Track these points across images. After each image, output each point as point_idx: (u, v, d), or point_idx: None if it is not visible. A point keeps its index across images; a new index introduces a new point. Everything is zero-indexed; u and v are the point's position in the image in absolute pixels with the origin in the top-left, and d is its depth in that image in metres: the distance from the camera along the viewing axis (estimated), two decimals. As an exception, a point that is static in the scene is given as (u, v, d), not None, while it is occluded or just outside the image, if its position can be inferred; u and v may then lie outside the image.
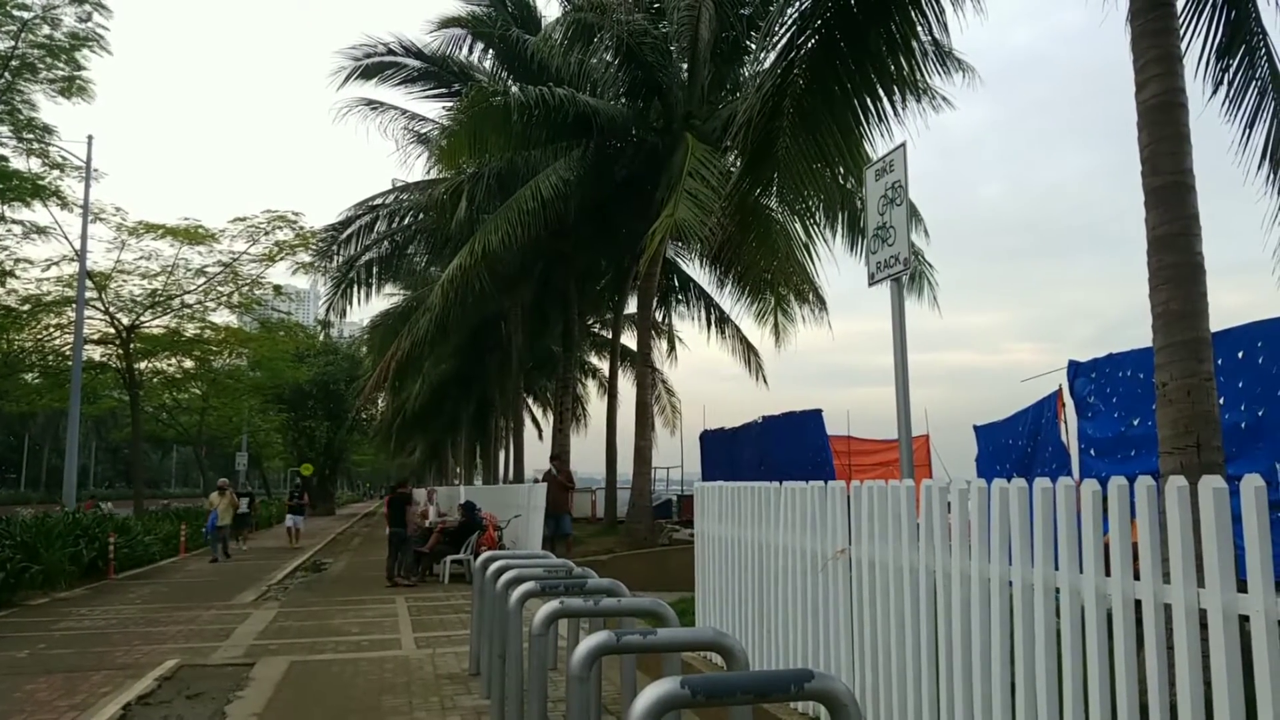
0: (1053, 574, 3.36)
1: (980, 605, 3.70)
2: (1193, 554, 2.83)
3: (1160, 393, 4.57)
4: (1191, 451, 4.32)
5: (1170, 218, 4.65)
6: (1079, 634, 3.22)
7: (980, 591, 3.70)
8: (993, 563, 3.64)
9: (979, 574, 3.72)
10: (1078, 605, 3.23)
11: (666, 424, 31.85)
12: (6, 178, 16.42)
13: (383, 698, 6.99)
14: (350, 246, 24.47)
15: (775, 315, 19.28)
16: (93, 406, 33.32)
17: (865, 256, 6.83)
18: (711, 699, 2.73)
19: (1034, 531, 3.45)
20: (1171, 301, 4.55)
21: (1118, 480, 3.10)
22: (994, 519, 3.65)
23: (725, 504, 6.63)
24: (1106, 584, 3.12)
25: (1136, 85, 4.88)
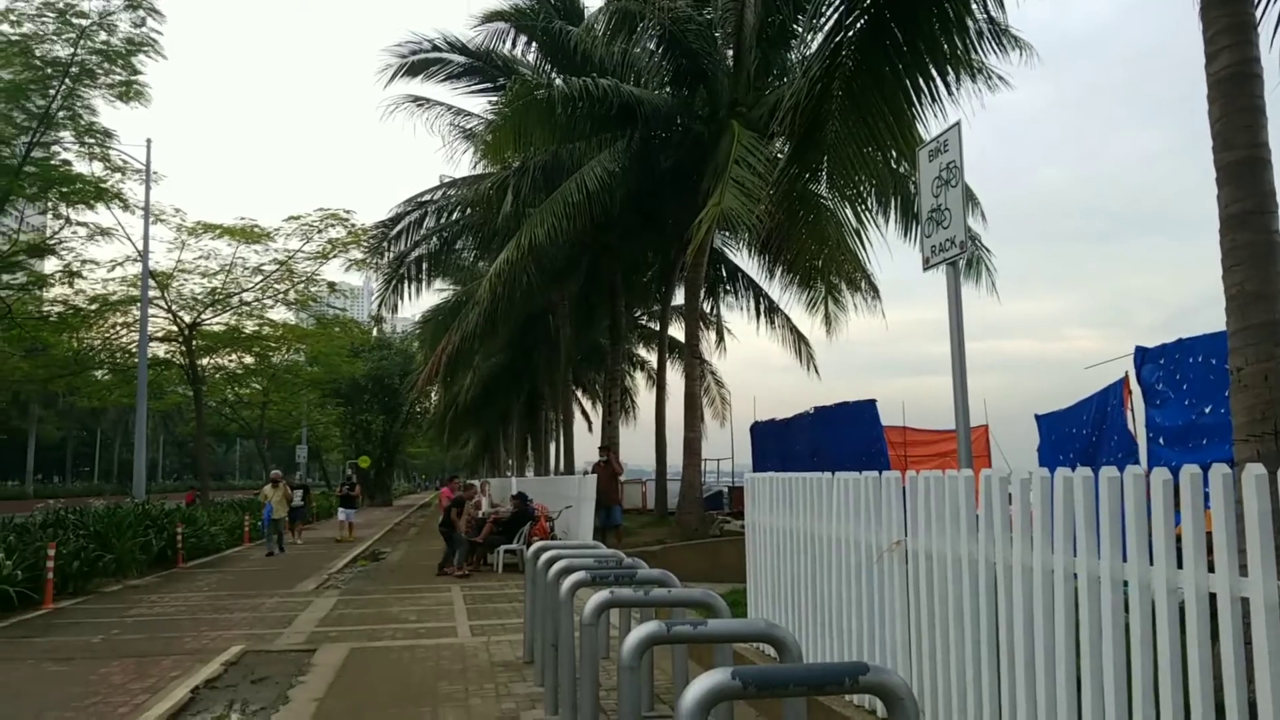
0: (1120, 566, 3.24)
1: (1043, 598, 3.59)
2: (1271, 545, 2.70)
3: (1235, 378, 4.39)
4: (1269, 439, 4.13)
5: (1244, 194, 4.46)
6: (1149, 628, 3.10)
7: (1044, 584, 3.60)
8: (1057, 554, 3.53)
9: (1042, 566, 3.61)
10: (1147, 599, 3.11)
11: (716, 416, 31.75)
12: (70, 181, 16.85)
13: (439, 684, 7.06)
14: (400, 243, 24.73)
15: (826, 304, 19.06)
16: (159, 402, 34.18)
17: (919, 241, 6.69)
18: (763, 690, 2.67)
19: (1100, 522, 3.33)
20: (1247, 282, 4.36)
21: (1190, 468, 2.98)
22: (1058, 509, 3.54)
23: (777, 495, 6.55)
24: (1178, 576, 3.00)
25: (1206, 57, 4.68)
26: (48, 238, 18.49)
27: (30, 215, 19.02)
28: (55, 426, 71.86)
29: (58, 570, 12.20)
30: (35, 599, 11.64)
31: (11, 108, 15.63)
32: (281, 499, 20.23)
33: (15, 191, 15.57)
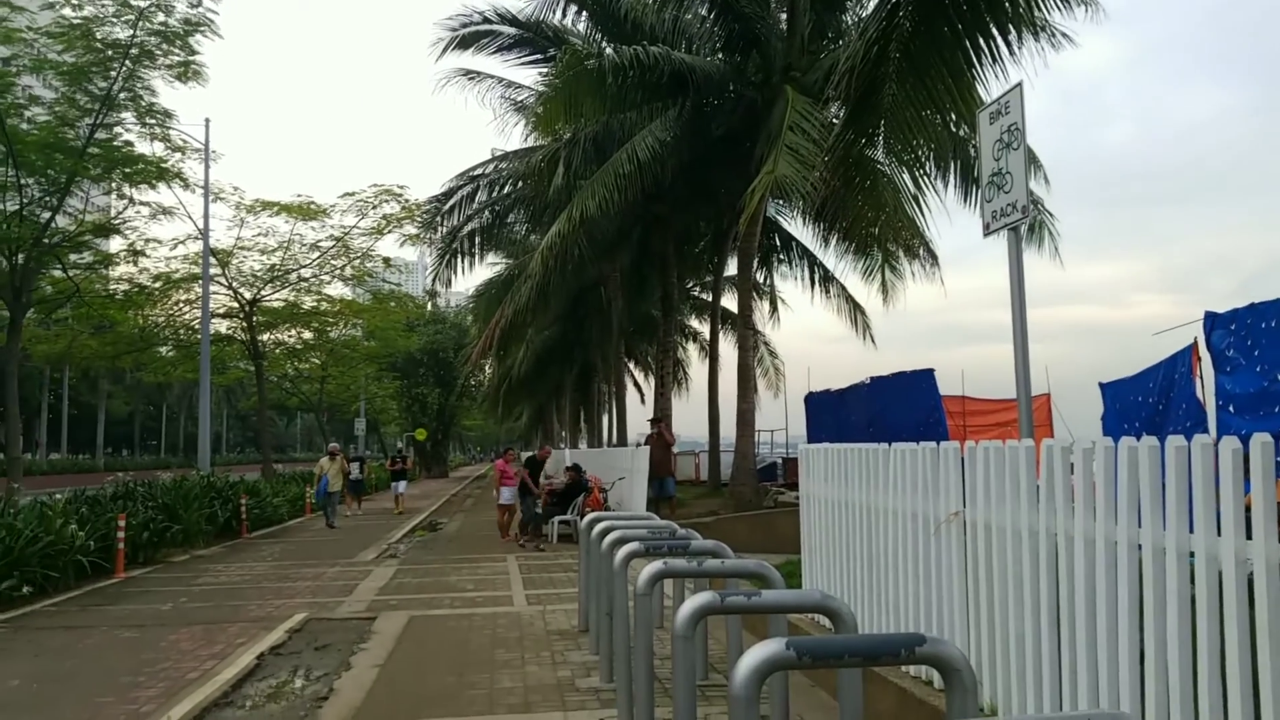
0: (1187, 537, 3.15)
1: (1106, 570, 3.51)
2: (1349, 515, 2.60)
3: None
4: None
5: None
6: (1215, 600, 3.02)
7: (1106, 556, 3.51)
8: (1121, 525, 3.45)
9: (1105, 537, 3.52)
10: (1214, 570, 3.02)
11: (770, 386, 31.57)
12: (133, 162, 17.20)
13: (496, 651, 7.17)
14: (453, 217, 24.88)
15: (883, 272, 18.79)
16: (222, 377, 35.03)
17: (980, 206, 6.53)
18: (818, 660, 2.66)
19: (1166, 492, 3.24)
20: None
21: (1261, 436, 2.87)
22: (1122, 479, 3.45)
23: (832, 466, 6.49)
24: (1247, 547, 2.90)
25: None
26: (112, 218, 18.93)
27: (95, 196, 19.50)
28: (123, 401, 74.09)
29: (128, 540, 12.61)
30: (107, 568, 12.05)
31: (75, 90, 15.98)
32: (338, 472, 20.21)
33: (80, 172, 15.96)
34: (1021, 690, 4.04)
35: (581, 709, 5.60)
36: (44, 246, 15.97)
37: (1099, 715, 1.86)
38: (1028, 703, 3.98)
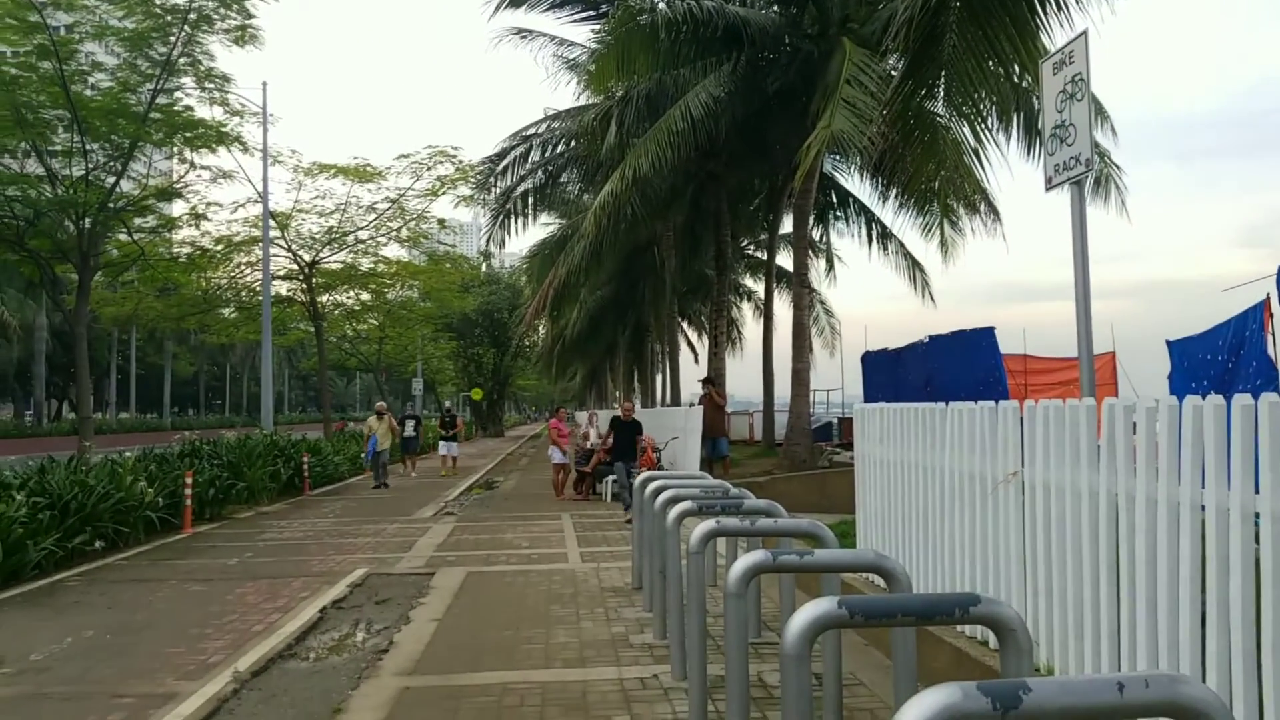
0: (1252, 498, 3.06)
1: (1168, 531, 3.43)
2: None
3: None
4: None
5: None
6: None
7: (1169, 516, 3.43)
8: (1184, 486, 3.36)
9: (1167, 498, 3.44)
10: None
11: (825, 346, 31.31)
12: (193, 126, 17.46)
13: (551, 607, 7.28)
14: (506, 178, 24.90)
15: (942, 228, 18.42)
16: (283, 338, 35.68)
17: (1042, 159, 6.34)
18: (870, 619, 2.64)
19: (1232, 452, 3.14)
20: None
21: (1337, 394, 2.76)
22: (1186, 439, 3.35)
23: (887, 425, 6.42)
24: (1320, 509, 2.81)
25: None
26: (174, 182, 19.30)
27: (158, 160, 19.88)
28: (188, 362, 76.03)
29: (195, 497, 13.01)
30: (175, 524, 12.45)
31: (136, 56, 16.23)
32: (386, 431, 19.59)
33: (143, 137, 16.25)
34: (1079, 651, 3.99)
35: (635, 664, 5.67)
36: (109, 211, 16.34)
37: (1156, 676, 1.82)
38: (1085, 664, 3.93)
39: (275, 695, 5.34)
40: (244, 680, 5.54)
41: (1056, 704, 1.79)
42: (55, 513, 9.81)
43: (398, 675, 5.63)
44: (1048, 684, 1.83)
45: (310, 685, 5.52)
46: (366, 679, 5.56)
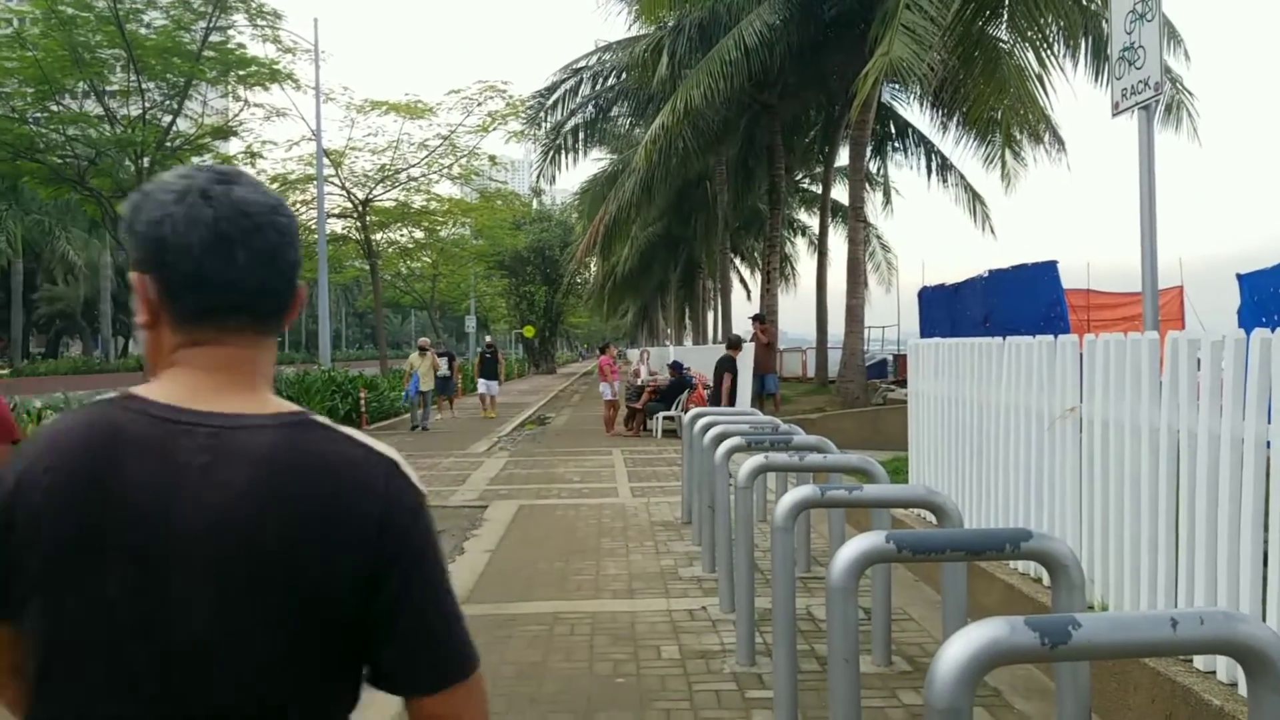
0: (1326, 434, 2.94)
1: (1231, 468, 3.32)
2: None
3: None
4: None
5: None
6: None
7: (1232, 453, 3.32)
8: (1249, 421, 3.24)
9: (1231, 434, 3.33)
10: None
11: (881, 281, 30.86)
12: (246, 64, 17.55)
13: (602, 540, 7.37)
14: (556, 112, 24.66)
15: (1004, 159, 17.87)
16: (339, 276, 36.16)
17: (1109, 84, 6.07)
18: (919, 554, 2.62)
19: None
20: None
21: None
22: (1252, 374, 3.23)
23: (942, 360, 6.31)
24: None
25: None
26: (229, 120, 19.49)
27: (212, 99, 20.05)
28: (250, 300, 77.58)
29: (258, 430, 13.31)
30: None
31: (188, -7, 16.31)
32: (429, 369, 18.01)
33: (197, 75, 16.39)
34: (1134, 590, 3.93)
35: (684, 596, 5.73)
36: (167, 150, 16.59)
37: (1212, 613, 1.77)
38: (1140, 603, 3.87)
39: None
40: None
41: (1107, 639, 1.75)
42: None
43: (451, 604, 5.76)
44: (1098, 619, 1.79)
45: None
46: (421, 607, 5.69)
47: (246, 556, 1.03)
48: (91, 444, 1.06)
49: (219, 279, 1.11)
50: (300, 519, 1.05)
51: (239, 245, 1.11)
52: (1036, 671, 4.25)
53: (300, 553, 1.05)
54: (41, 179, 16.60)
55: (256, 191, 1.15)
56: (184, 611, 1.03)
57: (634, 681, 4.30)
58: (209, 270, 1.10)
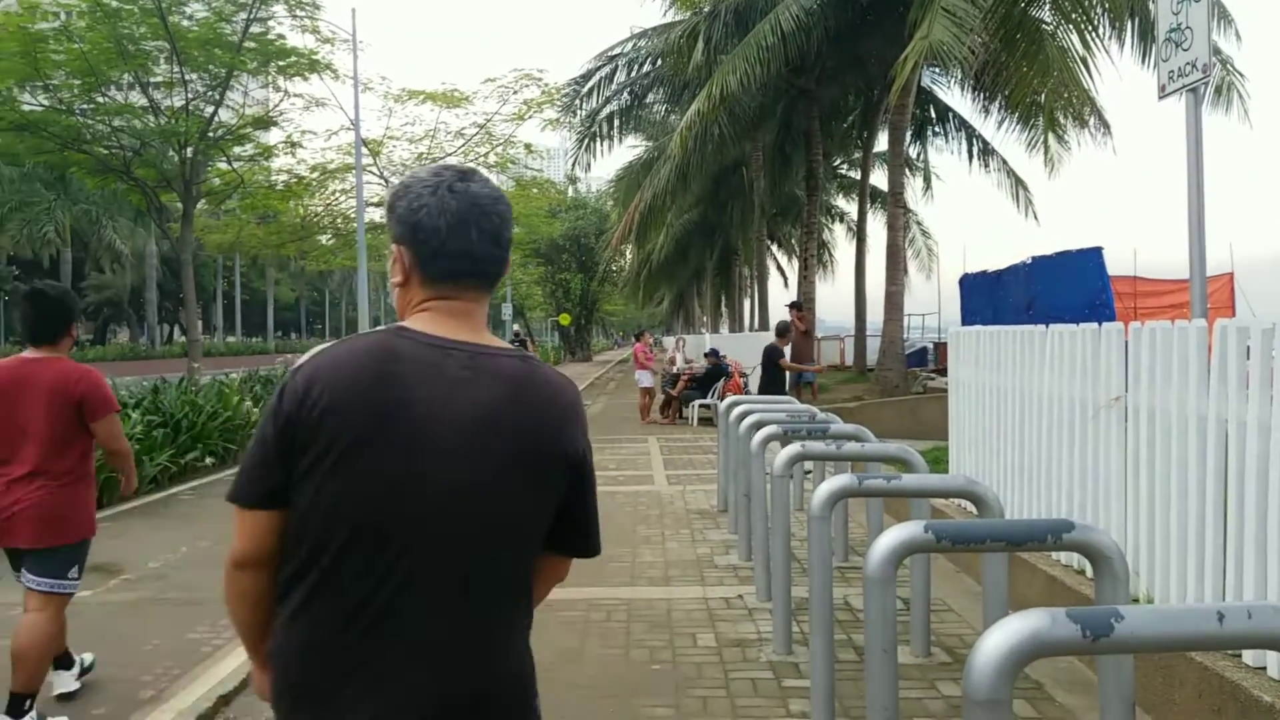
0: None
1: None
2: None
3: None
4: None
5: None
6: None
7: (1285, 443, 3.24)
8: (1303, 411, 3.16)
9: (1285, 423, 3.24)
10: None
11: (921, 268, 30.49)
12: (286, 54, 17.67)
13: (637, 528, 7.38)
14: (592, 99, 24.61)
15: (1047, 143, 17.56)
16: (378, 263, 36.46)
17: (1156, 66, 5.93)
18: (958, 545, 2.59)
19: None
20: None
21: None
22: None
23: (983, 348, 6.22)
24: None
25: None
26: (269, 110, 19.68)
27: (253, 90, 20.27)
28: (289, 288, 78.61)
29: (299, 416, 13.50)
30: (281, 441, 12.97)
31: (229, -15, 16.46)
32: None
33: (238, 66, 16.54)
34: (1181, 583, 3.85)
35: (719, 584, 5.73)
36: (209, 140, 16.78)
37: (1260, 606, 1.72)
38: (1187, 596, 3.79)
39: (373, 605, 5.57)
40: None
41: (1151, 632, 1.72)
42: (168, 430, 10.32)
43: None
44: (1142, 611, 1.75)
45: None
46: (459, 592, 5.75)
47: (500, 441, 1.46)
48: (376, 357, 1.45)
49: (458, 251, 1.51)
50: (536, 417, 1.50)
51: (473, 226, 1.52)
52: (1079, 664, 4.20)
53: (545, 445, 1.51)
54: (89, 169, 16.85)
55: (485, 186, 1.55)
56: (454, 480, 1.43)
57: (670, 668, 4.31)
58: (451, 245, 1.51)
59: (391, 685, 1.41)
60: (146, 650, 4.72)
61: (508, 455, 1.46)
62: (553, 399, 1.54)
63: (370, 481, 1.40)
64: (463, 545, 1.44)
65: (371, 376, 1.42)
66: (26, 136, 15.49)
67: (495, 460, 1.45)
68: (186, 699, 4.05)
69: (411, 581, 1.42)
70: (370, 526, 1.41)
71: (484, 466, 1.45)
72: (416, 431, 1.42)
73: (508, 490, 1.47)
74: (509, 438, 1.47)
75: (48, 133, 15.24)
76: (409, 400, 1.42)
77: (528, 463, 1.49)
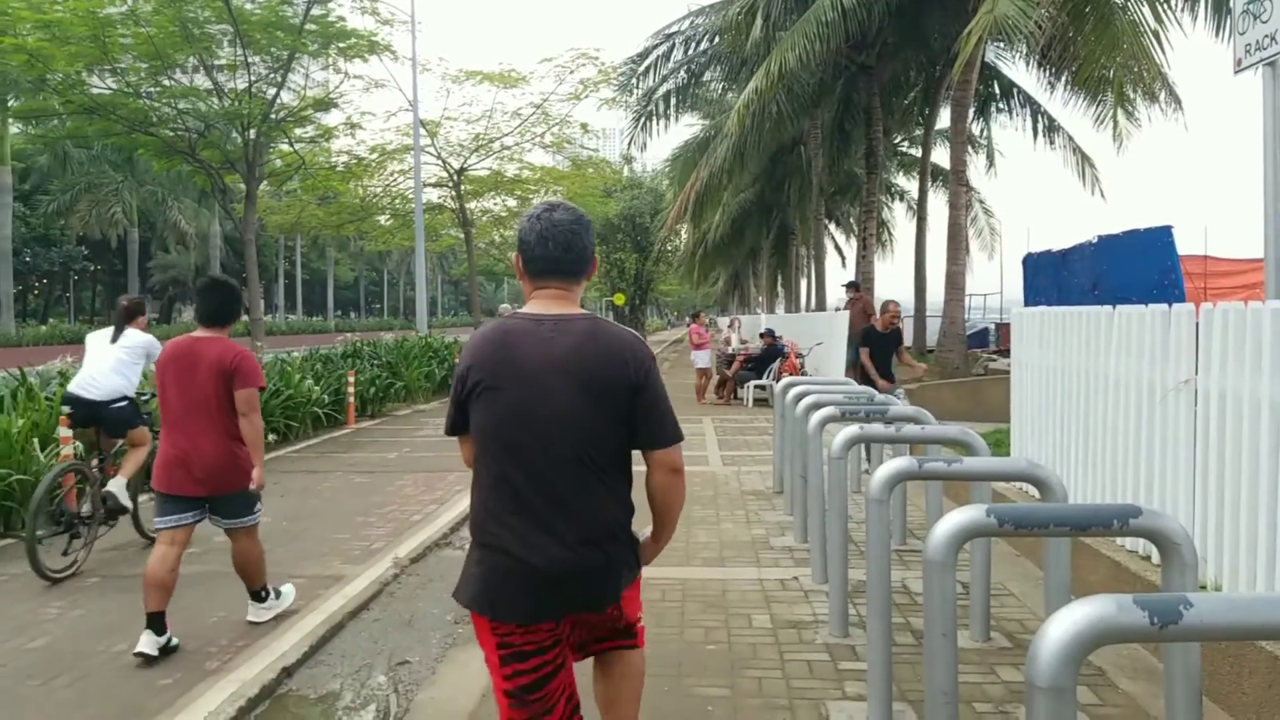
0: None
1: (1365, 444, 3.13)
2: None
3: None
4: None
5: None
6: None
7: (1366, 429, 3.13)
8: (1387, 395, 3.04)
9: (1366, 408, 3.13)
10: None
11: (983, 247, 29.88)
12: (346, 36, 17.87)
13: (692, 508, 7.37)
14: (648, 78, 24.51)
15: (1115, 119, 17.07)
16: (434, 244, 36.83)
17: (1231, 39, 5.72)
18: (1021, 529, 2.54)
19: None
20: None
21: None
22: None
23: (1048, 330, 6.09)
24: None
25: None
26: (330, 92, 19.92)
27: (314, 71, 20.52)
28: (349, 268, 79.91)
29: (357, 395, 13.77)
30: (339, 419, 13.24)
31: (291, -33, 16.66)
32: None
33: (300, 48, 16.76)
34: (1250, 570, 3.75)
35: (775, 565, 5.72)
36: (271, 122, 17.05)
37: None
38: (1257, 584, 3.69)
39: (432, 580, 5.67)
40: (404, 566, 5.91)
41: (1220, 621, 1.68)
42: (232, 408, 10.51)
43: (545, 566, 5.87)
44: (1211, 599, 1.72)
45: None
46: (516, 569, 5.82)
47: (584, 381, 2.25)
48: (497, 333, 2.34)
49: (540, 256, 2.37)
50: (603, 359, 2.28)
51: (549, 241, 2.35)
52: (1143, 651, 4.12)
53: (604, 375, 2.26)
54: (155, 151, 17.23)
55: (564, 214, 2.38)
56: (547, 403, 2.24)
57: (725, 649, 4.32)
58: (536, 253, 2.36)
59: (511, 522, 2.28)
60: (212, 622, 4.85)
61: (579, 384, 2.26)
62: (610, 345, 2.32)
63: (498, 409, 2.29)
64: (557, 442, 2.26)
65: (493, 345, 2.33)
66: (95, 119, 15.84)
67: (571, 387, 2.26)
68: (250, 670, 4.16)
69: (525, 466, 2.27)
70: (500, 437, 2.29)
71: (564, 392, 2.26)
72: (522, 374, 2.27)
73: (580, 407, 2.26)
74: (578, 372, 2.27)
75: (116, 115, 15.59)
76: (515, 358, 2.29)
77: (594, 388, 2.27)
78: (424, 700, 3.90)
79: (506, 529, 2.26)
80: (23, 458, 6.94)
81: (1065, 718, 1.68)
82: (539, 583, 2.24)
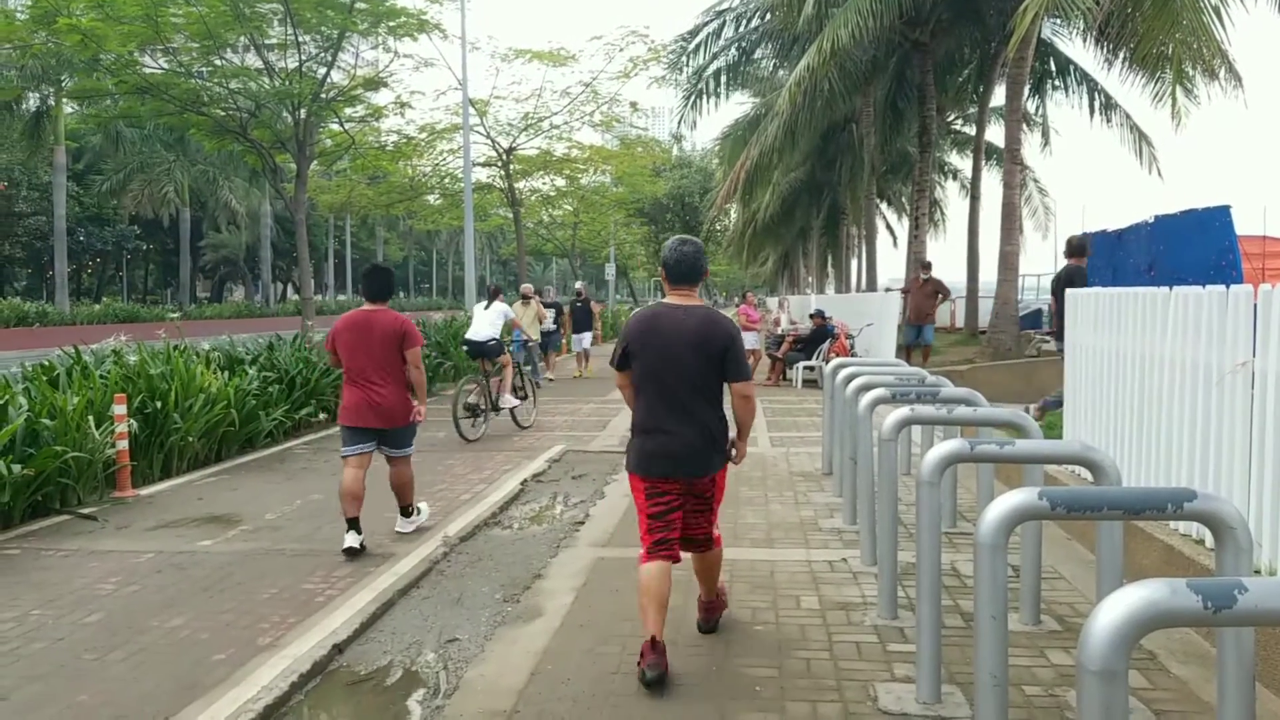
0: None
1: None
2: None
3: None
4: None
5: None
6: None
7: None
8: None
9: None
10: None
11: (1038, 227, 29.30)
12: (395, 15, 17.96)
13: (740, 489, 7.40)
14: (698, 56, 24.35)
15: (1174, 96, 16.61)
16: (483, 224, 37.04)
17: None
18: (1072, 512, 2.54)
19: None
20: None
21: None
22: None
23: (1102, 311, 6.00)
24: None
25: None
26: (379, 71, 20.06)
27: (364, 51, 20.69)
28: (398, 248, 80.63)
29: (406, 374, 13.90)
30: (391, 398, 13.37)
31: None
32: (533, 320, 15.70)
33: (350, 28, 16.88)
34: (1311, 558, 3.68)
35: (824, 547, 5.73)
36: (322, 101, 17.23)
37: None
38: (1318, 572, 3.63)
39: (481, 559, 5.78)
40: (453, 545, 6.02)
41: (1276, 605, 1.67)
42: (283, 386, 10.70)
43: (593, 546, 5.96)
44: (1267, 584, 1.71)
45: (512, 552, 5.93)
46: (564, 548, 5.91)
47: (698, 344, 3.89)
48: (649, 313, 4.03)
49: (675, 270, 4.03)
50: (710, 332, 3.91)
51: (682, 261, 4.02)
52: (1195, 636, 4.08)
53: (710, 340, 3.90)
54: (206, 131, 17.46)
55: (690, 246, 4.06)
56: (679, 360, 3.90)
57: (773, 629, 4.36)
58: (672, 269, 4.03)
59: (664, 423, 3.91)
60: (264, 599, 4.95)
61: (697, 347, 3.87)
62: (714, 324, 3.92)
63: (649, 361, 3.93)
64: (684, 379, 3.89)
65: (646, 321, 3.99)
66: (147, 99, 16.06)
67: (692, 348, 3.87)
68: (302, 646, 4.25)
69: (666, 391, 3.91)
70: (651, 375, 3.94)
71: (689, 350, 3.87)
72: (663, 341, 3.90)
73: (696, 360, 3.88)
74: (696, 340, 3.87)
75: (168, 95, 15.80)
76: (659, 329, 3.93)
77: (704, 349, 3.88)
78: (473, 677, 3.97)
79: (658, 426, 3.91)
80: (78, 435, 7.09)
81: (1117, 701, 1.69)
82: (674, 455, 3.88)
